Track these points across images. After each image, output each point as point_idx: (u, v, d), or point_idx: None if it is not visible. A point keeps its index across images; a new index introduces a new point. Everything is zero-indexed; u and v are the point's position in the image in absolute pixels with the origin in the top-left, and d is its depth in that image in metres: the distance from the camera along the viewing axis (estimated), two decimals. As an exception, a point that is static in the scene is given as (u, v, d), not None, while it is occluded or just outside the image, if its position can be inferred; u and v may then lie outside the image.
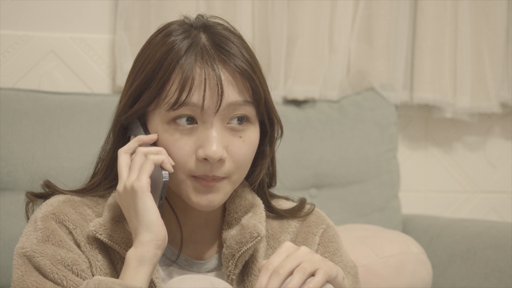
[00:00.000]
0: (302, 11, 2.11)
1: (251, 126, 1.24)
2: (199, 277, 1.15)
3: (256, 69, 1.24)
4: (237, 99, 1.21)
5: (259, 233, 1.25)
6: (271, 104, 1.27)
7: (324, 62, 2.14)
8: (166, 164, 1.19)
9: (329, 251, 1.33)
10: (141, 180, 1.17)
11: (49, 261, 1.20)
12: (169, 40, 1.22)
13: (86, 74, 2.02)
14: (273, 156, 1.34)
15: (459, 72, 2.25)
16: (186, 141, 1.20)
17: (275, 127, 1.30)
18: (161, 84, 1.20)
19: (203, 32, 1.23)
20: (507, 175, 2.39)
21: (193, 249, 1.30)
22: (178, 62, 1.20)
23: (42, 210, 1.25)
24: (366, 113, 2.10)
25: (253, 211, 1.29)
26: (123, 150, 1.22)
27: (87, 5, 2.04)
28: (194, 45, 1.21)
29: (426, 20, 2.21)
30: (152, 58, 1.22)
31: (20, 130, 1.78)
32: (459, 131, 2.36)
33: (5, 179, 1.75)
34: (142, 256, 1.16)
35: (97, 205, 1.28)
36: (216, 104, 1.19)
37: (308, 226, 1.34)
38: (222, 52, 1.21)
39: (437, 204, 2.36)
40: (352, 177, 2.06)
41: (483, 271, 1.85)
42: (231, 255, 1.25)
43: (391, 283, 1.74)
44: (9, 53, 1.98)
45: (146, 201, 1.17)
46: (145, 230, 1.17)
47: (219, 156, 1.19)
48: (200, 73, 1.19)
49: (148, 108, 1.22)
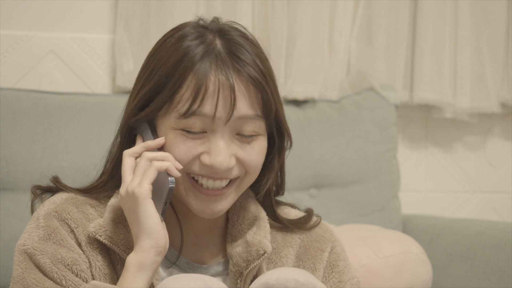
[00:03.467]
0: (302, 11, 2.11)
1: (260, 136, 1.23)
2: (193, 276, 1.15)
3: (269, 80, 1.22)
4: (248, 113, 1.19)
5: (265, 250, 1.23)
6: (282, 117, 1.25)
7: (324, 62, 2.14)
8: (172, 170, 1.18)
9: (339, 270, 1.32)
10: (142, 186, 1.17)
11: (49, 260, 1.19)
12: (184, 45, 1.20)
13: (86, 74, 2.02)
14: (282, 166, 1.31)
15: (459, 72, 2.25)
16: (193, 147, 1.19)
17: (284, 139, 1.28)
18: (174, 90, 1.18)
19: (219, 38, 1.21)
20: (507, 175, 2.39)
21: (195, 252, 1.30)
22: (193, 69, 1.18)
23: (45, 208, 1.25)
24: (366, 113, 2.10)
25: (257, 225, 1.27)
26: (128, 153, 1.22)
27: (87, 5, 2.04)
28: (209, 52, 1.19)
29: (426, 20, 2.21)
30: (166, 62, 1.20)
31: (20, 130, 1.78)
32: (459, 131, 2.36)
33: (5, 179, 1.75)
34: (141, 262, 1.16)
35: (101, 204, 1.27)
36: (227, 115, 1.18)
37: (317, 241, 1.33)
38: (236, 61, 1.19)
39: (437, 204, 2.36)
40: (352, 177, 2.06)
41: (483, 271, 1.85)
42: (239, 273, 1.24)
43: (391, 283, 1.74)
44: (9, 53, 1.98)
45: (147, 207, 1.16)
46: (145, 236, 1.16)
47: (225, 166, 1.18)
48: (215, 82, 1.17)
49: (158, 113, 1.21)
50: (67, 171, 1.75)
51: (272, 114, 1.22)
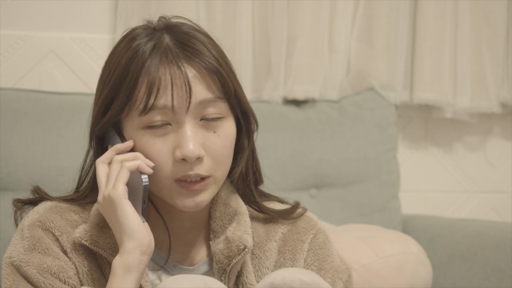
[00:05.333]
0: (302, 11, 2.11)
1: (224, 120, 1.23)
2: (193, 277, 1.15)
3: (223, 63, 1.23)
4: (207, 96, 1.20)
5: (246, 245, 1.24)
6: (242, 98, 1.26)
7: (324, 62, 2.14)
8: (143, 168, 1.19)
9: (319, 258, 1.32)
10: (117, 188, 1.17)
11: (35, 270, 1.20)
12: (134, 45, 1.21)
13: (86, 74, 2.02)
14: (254, 151, 1.32)
15: (459, 72, 2.25)
16: (163, 143, 1.20)
17: (250, 120, 1.28)
18: (130, 90, 1.19)
19: (167, 33, 1.23)
20: (507, 175, 2.39)
21: (182, 253, 1.30)
22: (144, 65, 1.19)
23: (29, 218, 1.25)
24: (366, 113, 2.10)
25: (237, 220, 1.27)
26: (100, 161, 1.22)
27: (87, 5, 2.04)
28: (158, 46, 1.21)
29: (426, 20, 2.21)
30: (118, 65, 1.21)
31: (20, 130, 1.78)
32: (459, 131, 2.36)
33: (5, 179, 1.75)
34: (127, 264, 1.16)
35: (84, 210, 1.28)
36: (186, 103, 1.19)
37: (297, 233, 1.33)
38: (186, 50, 1.20)
39: (437, 204, 2.36)
40: (352, 177, 2.06)
41: (483, 271, 1.85)
42: (222, 270, 1.25)
43: (391, 283, 1.74)
44: (9, 53, 1.98)
45: (125, 208, 1.17)
46: (128, 237, 1.17)
47: (196, 154, 1.18)
48: (166, 74, 1.19)
49: (120, 116, 1.22)
50: (67, 171, 1.75)
51: (232, 94, 1.23)
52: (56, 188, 1.43)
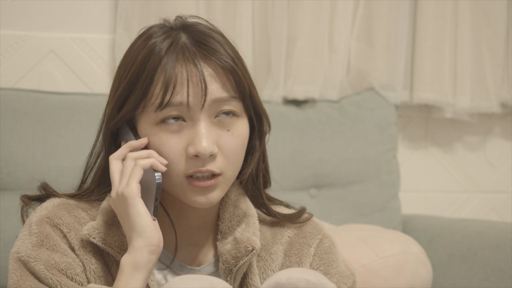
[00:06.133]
0: (302, 11, 2.11)
1: (238, 119, 1.24)
2: (199, 277, 1.15)
3: (239, 63, 1.24)
4: (222, 95, 1.21)
5: (254, 246, 1.24)
6: (256, 98, 1.27)
7: (324, 62, 2.14)
8: (157, 166, 1.19)
9: (325, 263, 1.32)
10: (130, 186, 1.18)
11: (43, 266, 1.20)
12: (150, 42, 1.22)
13: (86, 74, 2.02)
14: (264, 153, 1.32)
15: (459, 72, 2.25)
16: (177, 140, 1.20)
17: (263, 122, 1.29)
18: (145, 86, 1.20)
19: (183, 32, 1.24)
20: (507, 175, 2.39)
21: (188, 253, 1.30)
22: (160, 63, 1.20)
23: (37, 214, 1.25)
24: (366, 113, 2.10)
25: (246, 222, 1.28)
26: (114, 156, 1.23)
27: (87, 5, 2.04)
28: (175, 45, 1.22)
29: (426, 20, 2.21)
30: (134, 62, 1.22)
31: (20, 130, 1.78)
32: (459, 131, 2.36)
33: (5, 179, 1.75)
34: (136, 262, 1.16)
35: (92, 208, 1.28)
36: (201, 100, 1.19)
37: (304, 237, 1.33)
38: (203, 48, 1.21)
39: (437, 204, 2.36)
40: (352, 177, 2.06)
41: (483, 271, 1.85)
42: (229, 270, 1.25)
43: (391, 283, 1.74)
44: (9, 53, 1.98)
45: (137, 206, 1.17)
46: (138, 235, 1.17)
47: (209, 151, 1.19)
48: (182, 71, 1.19)
49: (135, 112, 1.23)
50: (67, 171, 1.75)
51: (246, 94, 1.24)
52: (56, 188, 1.43)
